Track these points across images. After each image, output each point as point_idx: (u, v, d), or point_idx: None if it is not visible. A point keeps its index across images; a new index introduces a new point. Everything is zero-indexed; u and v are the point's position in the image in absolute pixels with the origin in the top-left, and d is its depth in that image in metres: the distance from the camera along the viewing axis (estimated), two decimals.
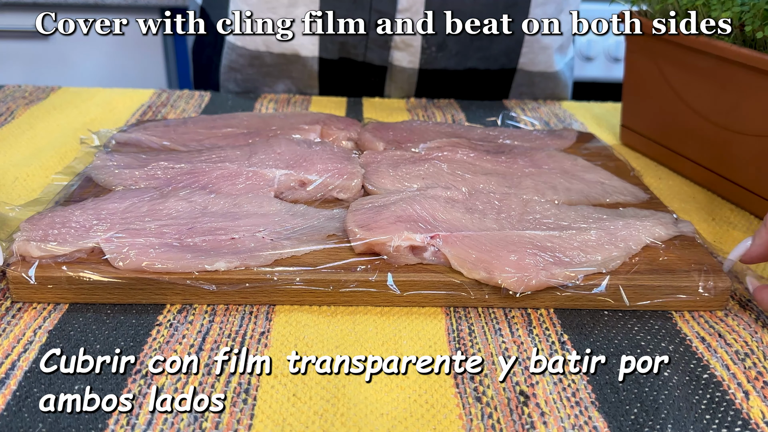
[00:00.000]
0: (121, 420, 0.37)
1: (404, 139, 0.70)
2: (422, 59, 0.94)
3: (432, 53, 0.94)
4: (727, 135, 0.64)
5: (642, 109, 0.76)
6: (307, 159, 0.61)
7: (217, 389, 0.40)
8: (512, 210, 0.54)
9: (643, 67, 0.73)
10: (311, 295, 0.47)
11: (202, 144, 0.68)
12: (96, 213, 0.51)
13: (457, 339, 0.45)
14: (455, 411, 0.39)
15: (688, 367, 0.43)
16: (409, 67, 0.95)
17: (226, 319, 0.46)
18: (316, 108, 0.88)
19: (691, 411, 0.39)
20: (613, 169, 0.67)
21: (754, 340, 0.46)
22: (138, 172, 0.60)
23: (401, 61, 0.94)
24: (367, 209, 0.52)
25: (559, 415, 0.39)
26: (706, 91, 0.66)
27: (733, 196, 0.65)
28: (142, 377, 0.40)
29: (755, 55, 0.59)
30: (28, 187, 0.63)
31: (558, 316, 0.47)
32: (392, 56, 0.94)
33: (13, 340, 0.43)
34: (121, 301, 0.47)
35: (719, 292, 0.48)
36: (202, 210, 0.53)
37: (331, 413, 0.38)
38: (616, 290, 0.48)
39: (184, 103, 0.87)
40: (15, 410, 0.37)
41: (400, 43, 0.92)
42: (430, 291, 0.47)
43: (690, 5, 0.65)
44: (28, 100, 0.86)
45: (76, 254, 0.47)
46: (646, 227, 0.53)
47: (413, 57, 0.94)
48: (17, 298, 0.46)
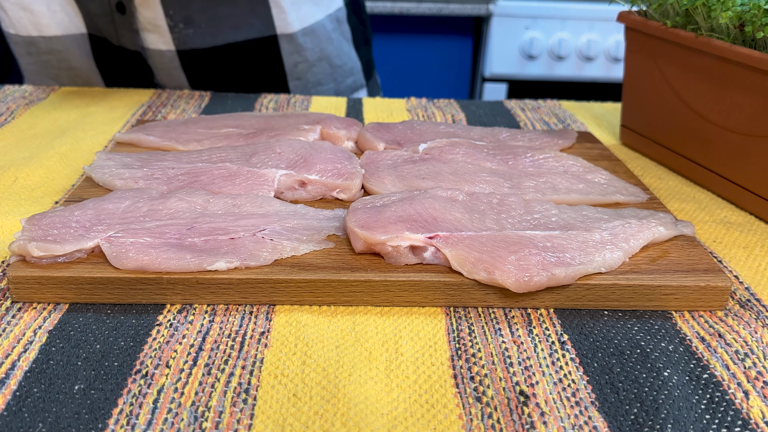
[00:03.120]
0: (121, 420, 0.37)
1: (404, 139, 0.70)
2: (174, 39, 0.88)
3: (181, 30, 0.88)
4: (727, 135, 0.64)
5: (642, 109, 0.76)
6: (307, 159, 0.61)
7: (217, 389, 0.40)
8: (512, 210, 0.54)
9: (643, 67, 0.73)
10: (311, 295, 0.47)
11: (202, 144, 0.68)
12: (96, 213, 0.51)
13: (457, 339, 0.45)
14: (455, 411, 0.39)
15: (688, 367, 0.43)
16: (166, 49, 0.89)
17: (226, 319, 0.46)
18: (316, 108, 0.88)
19: (691, 411, 0.39)
20: (613, 169, 0.67)
21: (754, 340, 0.46)
22: (138, 172, 0.60)
23: (156, 43, 0.89)
24: (368, 209, 0.52)
25: (559, 415, 0.39)
26: (706, 91, 0.66)
27: (733, 196, 0.65)
28: (142, 377, 0.40)
29: (755, 55, 0.59)
30: (28, 187, 0.63)
31: (558, 316, 0.47)
32: (145, 39, 0.89)
33: (13, 340, 0.43)
34: (121, 301, 0.47)
35: (719, 292, 0.48)
36: (202, 210, 0.53)
37: (331, 413, 0.38)
38: (616, 290, 0.48)
39: (184, 103, 0.87)
40: (15, 410, 0.37)
41: (146, 24, 0.87)
42: (430, 291, 0.47)
43: (690, 5, 0.65)
44: (28, 100, 0.86)
45: (76, 254, 0.47)
46: (646, 227, 0.53)
47: (165, 37, 0.88)
48: (17, 298, 0.46)
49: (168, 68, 0.92)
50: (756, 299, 0.50)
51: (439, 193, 0.54)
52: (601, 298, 0.48)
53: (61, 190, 0.63)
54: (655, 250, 0.52)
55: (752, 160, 0.62)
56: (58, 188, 0.63)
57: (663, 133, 0.73)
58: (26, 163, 0.68)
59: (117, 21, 0.88)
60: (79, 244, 0.47)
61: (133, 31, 0.89)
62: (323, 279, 0.47)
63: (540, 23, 1.97)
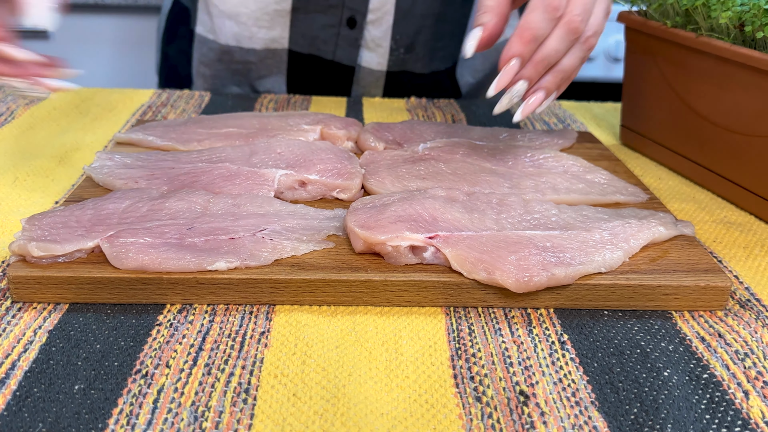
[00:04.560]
0: (121, 420, 0.37)
1: (404, 139, 0.70)
2: (390, 60, 0.94)
3: (400, 55, 0.93)
4: (727, 135, 0.64)
5: (642, 109, 0.76)
6: (307, 159, 0.61)
7: (217, 389, 0.40)
8: (512, 210, 0.54)
9: (643, 67, 0.73)
10: (311, 295, 0.47)
11: (202, 144, 0.68)
12: (96, 213, 0.51)
13: (457, 339, 0.45)
14: (455, 411, 0.39)
15: (688, 367, 0.43)
16: (378, 69, 0.94)
17: (226, 319, 0.46)
18: (316, 108, 0.88)
19: (691, 411, 0.39)
20: (613, 169, 0.67)
21: (754, 340, 0.46)
22: (138, 172, 0.60)
23: (370, 62, 0.94)
24: (368, 209, 0.52)
25: (559, 415, 0.39)
26: (706, 91, 0.66)
27: (733, 196, 0.65)
28: (142, 377, 0.40)
29: (755, 55, 0.59)
30: (28, 187, 0.63)
31: (558, 316, 0.47)
32: (361, 57, 0.93)
33: (13, 340, 0.43)
34: (121, 301, 0.47)
35: (719, 292, 0.48)
36: (202, 210, 0.53)
37: (331, 413, 0.38)
38: (616, 290, 0.48)
39: (184, 103, 0.87)
40: (15, 410, 0.38)
41: (369, 42, 0.92)
42: (430, 291, 0.47)
43: (690, 5, 0.65)
44: (28, 100, 0.86)
45: (76, 254, 0.48)
46: (646, 227, 0.53)
47: (381, 59, 0.93)
48: (17, 298, 0.47)
49: (370, 86, 0.97)
50: (756, 299, 0.50)
51: (439, 193, 0.54)
52: (601, 298, 0.48)
53: (61, 190, 0.63)
54: (655, 250, 0.52)
55: (752, 160, 0.62)
56: (58, 188, 0.63)
57: (663, 133, 0.73)
58: (26, 163, 0.68)
59: (341, 35, 0.91)
60: (79, 244, 0.47)
61: (355, 47, 0.92)
62: (323, 279, 0.47)
63: None
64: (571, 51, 0.55)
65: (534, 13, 0.53)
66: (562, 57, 0.55)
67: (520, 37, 0.53)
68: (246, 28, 0.91)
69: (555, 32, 0.53)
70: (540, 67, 0.54)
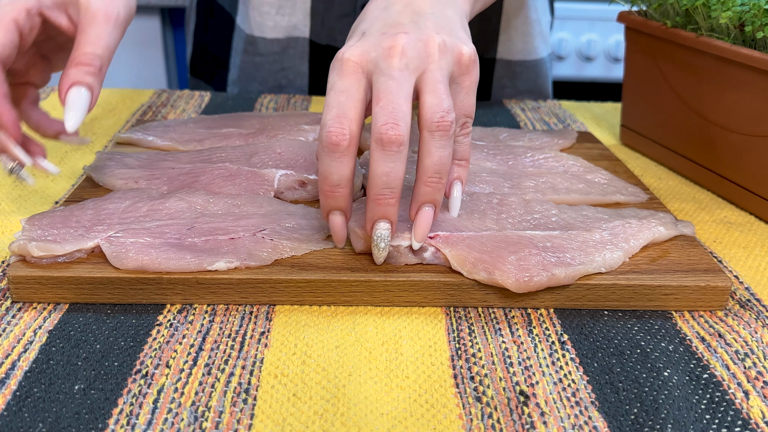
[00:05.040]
0: (121, 420, 0.37)
1: None
2: None
3: None
4: (727, 135, 0.64)
5: (642, 109, 0.76)
6: (307, 159, 0.61)
7: (217, 389, 0.40)
8: (512, 210, 0.54)
9: (643, 67, 0.73)
10: (311, 295, 0.47)
11: (202, 144, 0.68)
12: (96, 213, 0.51)
13: (457, 339, 0.45)
14: (455, 411, 0.39)
15: (688, 367, 0.43)
16: None
17: (226, 319, 0.46)
18: (316, 108, 0.88)
19: (691, 411, 0.39)
20: (613, 169, 0.67)
21: (754, 340, 0.46)
22: (138, 172, 0.60)
23: None
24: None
25: (559, 415, 0.39)
26: (706, 91, 0.66)
27: (733, 196, 0.65)
28: (142, 377, 0.40)
29: (755, 55, 0.59)
30: (28, 187, 0.63)
31: (558, 316, 0.47)
32: None
33: (13, 340, 0.43)
34: (121, 301, 0.47)
35: (719, 292, 0.48)
36: (202, 210, 0.53)
37: (331, 413, 0.38)
38: (616, 290, 0.48)
39: (184, 103, 0.87)
40: (15, 410, 0.37)
41: None
42: (430, 291, 0.47)
43: (690, 5, 0.65)
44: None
45: (76, 254, 0.47)
46: (646, 227, 0.53)
47: None
48: (17, 298, 0.46)
49: None
50: (756, 299, 0.50)
51: None
52: (601, 298, 0.48)
53: (61, 190, 0.63)
54: (655, 250, 0.52)
55: (752, 160, 0.62)
56: (58, 188, 0.63)
57: (663, 133, 0.73)
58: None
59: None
60: (79, 244, 0.47)
61: None
62: (323, 279, 0.47)
63: None
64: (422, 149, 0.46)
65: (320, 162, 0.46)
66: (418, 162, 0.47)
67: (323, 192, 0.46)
68: (270, 17, 0.91)
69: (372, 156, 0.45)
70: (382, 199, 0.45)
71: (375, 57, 0.47)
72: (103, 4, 0.50)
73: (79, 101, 0.48)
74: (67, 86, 0.48)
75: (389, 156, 0.44)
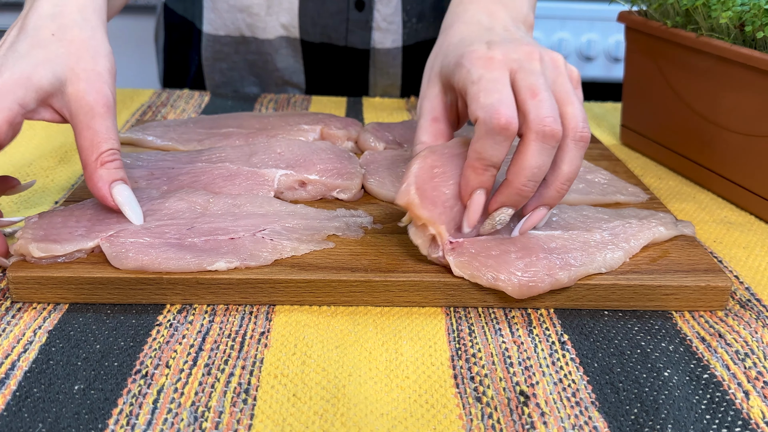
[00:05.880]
0: (121, 420, 0.37)
1: (404, 139, 0.70)
2: (404, 35, 0.93)
3: (413, 26, 0.92)
4: (727, 135, 0.64)
5: (642, 109, 0.76)
6: (307, 159, 0.61)
7: (217, 389, 0.40)
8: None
9: (643, 67, 0.73)
10: (311, 295, 0.47)
11: (202, 144, 0.68)
12: (96, 213, 0.51)
13: (457, 339, 0.45)
14: (455, 411, 0.39)
15: (688, 367, 0.43)
16: (393, 47, 0.93)
17: (226, 319, 0.46)
18: (316, 108, 0.88)
19: (691, 411, 0.39)
20: (613, 169, 0.67)
21: (754, 340, 0.46)
22: (138, 172, 0.60)
23: (384, 42, 0.93)
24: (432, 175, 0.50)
25: (559, 415, 0.39)
26: (706, 91, 0.66)
27: (733, 196, 0.65)
28: (142, 377, 0.40)
29: (755, 55, 0.59)
30: None
31: (558, 316, 0.47)
32: (374, 39, 0.93)
33: (13, 340, 0.43)
34: (121, 301, 0.47)
35: (719, 292, 0.48)
36: (202, 210, 0.53)
37: (331, 413, 0.38)
38: (617, 290, 0.48)
39: (184, 103, 0.87)
40: (15, 410, 0.37)
41: (381, 22, 0.91)
42: (430, 291, 0.47)
43: (690, 5, 0.65)
44: None
45: (76, 254, 0.47)
46: (646, 227, 0.53)
47: (396, 35, 0.92)
48: (17, 298, 0.46)
49: (387, 66, 0.96)
50: (756, 299, 0.50)
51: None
52: (601, 298, 0.48)
53: (61, 190, 0.63)
54: (656, 250, 0.52)
55: (752, 160, 0.62)
56: (58, 188, 0.63)
57: (663, 133, 0.73)
58: (26, 163, 0.68)
59: (351, 19, 0.91)
60: (79, 244, 0.47)
61: (366, 30, 0.92)
62: (323, 279, 0.47)
63: (540, 23, 1.97)
64: (562, 155, 0.47)
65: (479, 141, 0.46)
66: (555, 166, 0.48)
67: (473, 169, 0.47)
68: (260, 18, 0.91)
69: (528, 147, 0.46)
70: (525, 190, 0.47)
71: (518, 58, 0.48)
72: (96, 94, 0.49)
73: (128, 196, 0.50)
74: (106, 187, 0.49)
75: (545, 150, 0.46)
